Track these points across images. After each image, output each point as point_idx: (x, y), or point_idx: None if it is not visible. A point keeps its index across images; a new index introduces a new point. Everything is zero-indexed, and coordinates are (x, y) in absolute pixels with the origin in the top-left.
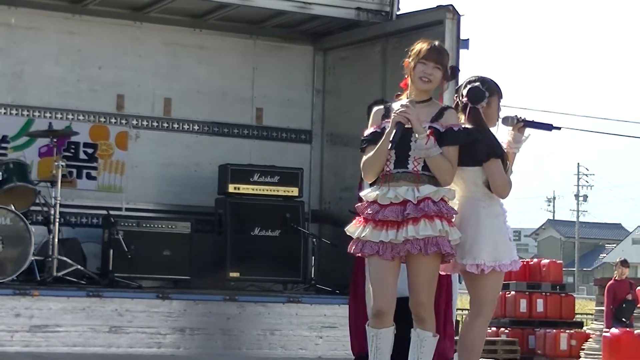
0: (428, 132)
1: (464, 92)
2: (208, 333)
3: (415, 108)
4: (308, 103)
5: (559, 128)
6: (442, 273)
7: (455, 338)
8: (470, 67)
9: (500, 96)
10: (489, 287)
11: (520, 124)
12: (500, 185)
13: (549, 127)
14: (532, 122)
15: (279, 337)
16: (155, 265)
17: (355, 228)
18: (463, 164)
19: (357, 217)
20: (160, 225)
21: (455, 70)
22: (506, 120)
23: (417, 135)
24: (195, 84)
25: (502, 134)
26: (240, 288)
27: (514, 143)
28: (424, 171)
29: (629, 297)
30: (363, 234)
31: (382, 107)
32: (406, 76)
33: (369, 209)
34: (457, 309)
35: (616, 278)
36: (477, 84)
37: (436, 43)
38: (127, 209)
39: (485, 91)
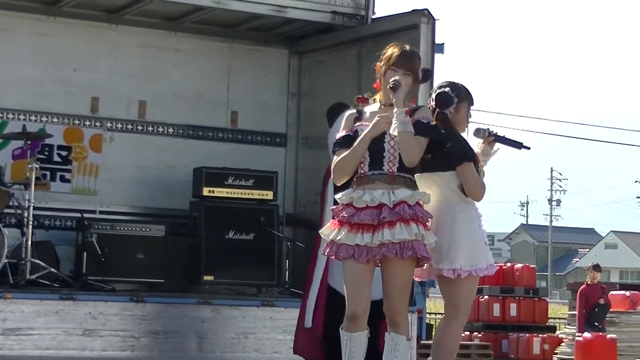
0: (406, 109)
1: (433, 96)
2: (182, 336)
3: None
4: (283, 106)
5: (529, 148)
6: (417, 279)
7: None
8: (445, 71)
9: (470, 103)
10: (465, 291)
11: (491, 138)
12: (475, 188)
13: (519, 145)
14: (503, 137)
15: (253, 340)
16: (129, 268)
17: (330, 231)
18: (436, 168)
19: (331, 220)
20: (134, 228)
21: (427, 73)
22: (478, 133)
23: (396, 110)
24: (170, 87)
25: (471, 142)
26: (214, 291)
27: (483, 156)
28: (400, 172)
29: (601, 301)
30: (338, 237)
31: (354, 111)
32: (377, 79)
33: (344, 212)
34: (431, 313)
35: (588, 282)
36: (447, 89)
37: (407, 48)
38: (101, 212)
39: (454, 97)
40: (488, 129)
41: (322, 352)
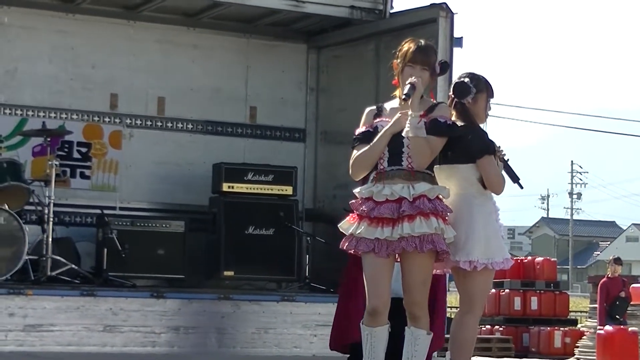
0: (421, 113)
1: (452, 87)
2: (202, 332)
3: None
4: (302, 101)
5: (522, 187)
6: (434, 272)
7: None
8: (464, 65)
9: (490, 94)
10: (481, 284)
11: (500, 156)
12: (495, 181)
13: (517, 179)
14: (509, 165)
15: (273, 335)
16: (149, 264)
17: (349, 225)
18: (457, 161)
19: (350, 214)
20: (154, 224)
21: (445, 66)
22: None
23: (411, 113)
24: (188, 83)
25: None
26: (234, 287)
27: None
28: (418, 169)
29: (622, 294)
30: (358, 231)
31: (374, 107)
32: (395, 76)
33: (364, 206)
34: (452, 307)
35: (609, 275)
36: (466, 79)
37: (422, 42)
38: (120, 208)
39: (472, 87)
40: (500, 147)
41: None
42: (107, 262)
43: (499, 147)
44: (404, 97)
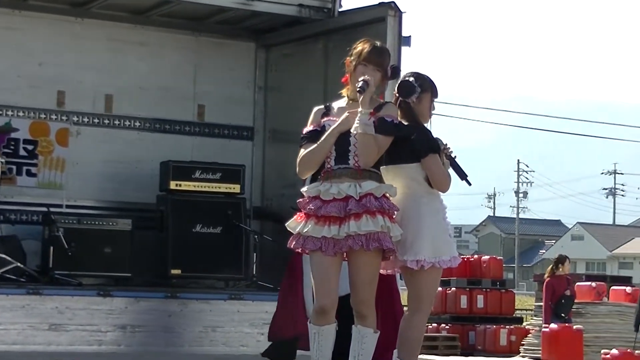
0: (370, 110)
1: (396, 87)
2: (149, 330)
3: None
4: (250, 100)
5: (470, 184)
6: (382, 271)
7: None
8: (411, 64)
9: (434, 94)
10: (428, 283)
11: (447, 153)
12: (441, 179)
13: (464, 176)
14: (455, 161)
15: (220, 334)
16: (96, 262)
17: (296, 223)
18: (402, 160)
19: (298, 213)
20: (101, 223)
21: (396, 70)
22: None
23: (361, 109)
24: (137, 81)
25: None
26: (181, 285)
27: None
28: (365, 167)
29: (567, 292)
30: (305, 230)
31: (322, 106)
32: (347, 74)
33: (311, 205)
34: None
35: (557, 273)
36: (410, 78)
37: (377, 44)
38: (67, 206)
39: (417, 86)
40: (447, 145)
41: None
42: (53, 261)
43: (446, 144)
44: (358, 89)
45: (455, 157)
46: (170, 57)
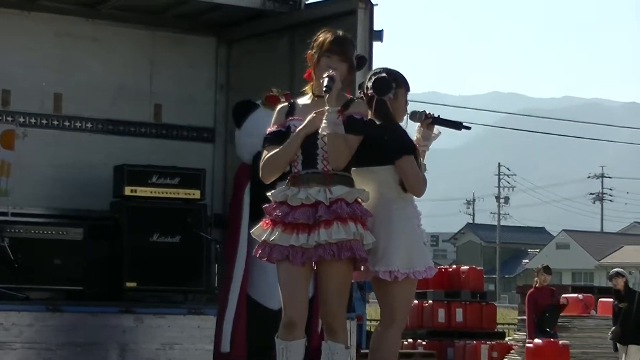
0: (338, 108)
1: (369, 84)
2: (103, 348)
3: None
4: (211, 99)
5: (469, 128)
6: (353, 280)
7: (362, 350)
8: (384, 59)
9: (407, 89)
10: (402, 295)
11: (428, 120)
12: (415, 183)
13: (458, 125)
14: (441, 119)
15: (179, 351)
16: (45, 274)
17: (262, 231)
18: (373, 163)
19: (264, 219)
20: (50, 232)
21: (362, 60)
22: (414, 116)
23: (328, 108)
24: (88, 79)
25: (410, 130)
26: (137, 299)
27: (423, 140)
28: (335, 170)
29: (552, 304)
30: (271, 238)
31: (286, 104)
32: (309, 68)
33: (278, 211)
34: (371, 320)
35: (537, 285)
36: (382, 75)
37: (340, 33)
38: (13, 214)
39: (392, 82)
40: (424, 110)
41: None
42: None
43: (424, 110)
44: (324, 89)
45: (438, 115)
46: (124, 53)
